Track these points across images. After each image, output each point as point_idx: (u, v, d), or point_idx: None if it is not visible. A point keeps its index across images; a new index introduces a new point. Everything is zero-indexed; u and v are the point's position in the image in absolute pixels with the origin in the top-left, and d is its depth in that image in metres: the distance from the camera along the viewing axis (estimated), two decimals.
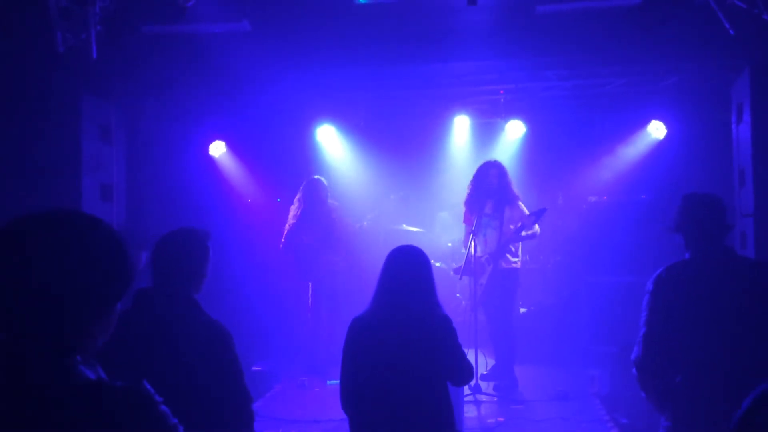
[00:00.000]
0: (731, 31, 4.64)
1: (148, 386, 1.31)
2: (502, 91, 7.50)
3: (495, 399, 5.89)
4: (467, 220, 6.40)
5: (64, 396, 1.23)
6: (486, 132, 8.46)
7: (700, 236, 2.99)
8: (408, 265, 3.09)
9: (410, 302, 3.00)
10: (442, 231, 8.47)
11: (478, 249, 6.12)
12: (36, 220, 1.32)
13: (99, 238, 1.36)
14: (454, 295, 7.57)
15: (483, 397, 5.86)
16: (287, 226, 6.95)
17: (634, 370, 2.99)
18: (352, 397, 3.03)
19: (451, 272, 6.54)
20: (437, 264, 7.73)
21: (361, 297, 6.72)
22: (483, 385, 6.00)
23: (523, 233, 6.12)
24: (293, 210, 6.97)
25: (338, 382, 3.14)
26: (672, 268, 3.01)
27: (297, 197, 7.00)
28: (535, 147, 8.12)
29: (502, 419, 5.43)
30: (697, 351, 2.88)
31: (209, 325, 2.59)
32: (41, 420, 1.21)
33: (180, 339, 2.52)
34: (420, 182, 8.60)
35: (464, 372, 3.05)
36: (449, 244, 8.13)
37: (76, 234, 1.33)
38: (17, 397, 1.22)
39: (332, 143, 8.52)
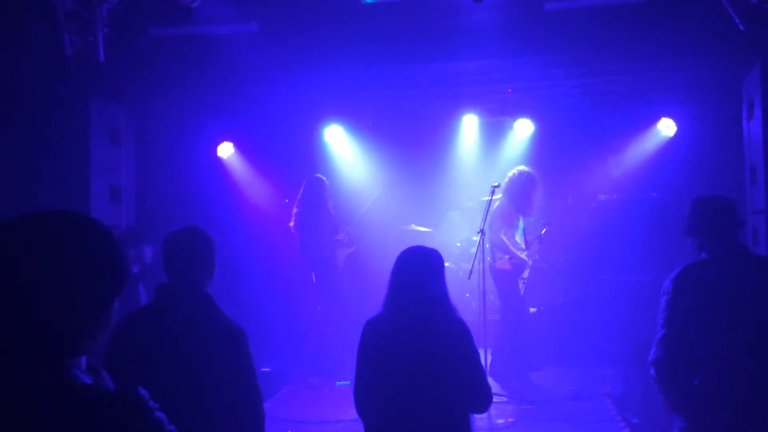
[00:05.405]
0: (741, 26, 4.60)
1: (143, 391, 1.28)
2: (510, 90, 7.47)
3: (505, 399, 5.86)
4: (513, 222, 6.53)
5: (54, 400, 1.21)
6: (495, 131, 8.43)
7: (715, 237, 2.97)
8: (419, 267, 3.02)
9: (423, 306, 2.93)
10: (451, 231, 8.44)
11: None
12: (29, 221, 1.30)
13: (92, 238, 1.34)
14: (463, 295, 7.53)
15: (493, 398, 5.83)
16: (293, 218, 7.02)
17: (652, 371, 2.95)
18: (366, 400, 2.99)
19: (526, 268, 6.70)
20: (446, 264, 7.70)
21: (368, 297, 6.75)
22: (493, 385, 5.98)
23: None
24: (294, 208, 7.04)
25: (347, 383, 3.12)
26: (690, 268, 2.97)
27: (298, 197, 7.04)
28: (544, 145, 8.08)
29: (512, 420, 5.39)
30: (717, 352, 2.84)
31: (225, 324, 2.63)
32: (30, 424, 1.18)
33: (196, 336, 2.56)
34: (429, 182, 8.57)
35: (481, 392, 2.94)
36: (458, 244, 8.11)
37: (69, 235, 1.31)
38: (6, 400, 1.19)
39: (340, 143, 8.52)
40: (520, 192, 6.41)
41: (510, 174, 6.49)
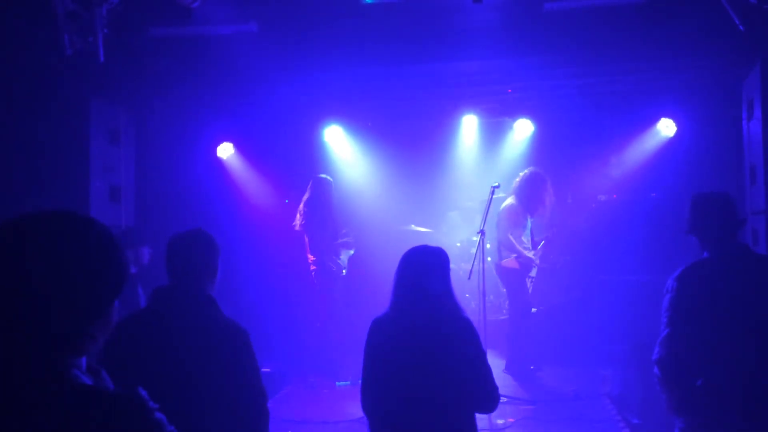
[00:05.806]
0: (741, 27, 4.59)
1: (143, 392, 1.28)
2: (510, 90, 7.47)
3: (505, 399, 5.86)
4: (521, 222, 6.52)
5: (54, 401, 1.20)
6: (494, 131, 8.44)
7: (715, 235, 2.99)
8: (424, 267, 3.02)
9: (428, 306, 2.94)
10: (451, 231, 8.44)
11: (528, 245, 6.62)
12: (27, 222, 1.30)
13: (92, 238, 1.33)
14: (463, 296, 7.53)
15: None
16: (298, 218, 6.99)
17: (656, 370, 2.95)
18: (372, 399, 2.98)
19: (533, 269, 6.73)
20: None
21: (368, 297, 6.75)
22: (508, 384, 6.03)
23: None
24: (301, 209, 7.03)
25: (348, 383, 3.12)
26: (692, 267, 2.98)
27: (305, 197, 7.03)
28: (543, 146, 8.08)
29: (512, 420, 5.39)
30: (718, 352, 2.85)
31: (227, 324, 2.63)
32: (29, 425, 1.18)
33: (198, 337, 2.56)
34: (428, 182, 8.57)
35: (487, 392, 2.90)
36: (458, 245, 8.10)
37: (67, 235, 1.31)
38: (6, 400, 1.19)
39: (340, 144, 8.51)
40: (530, 192, 6.46)
41: (521, 174, 6.58)
